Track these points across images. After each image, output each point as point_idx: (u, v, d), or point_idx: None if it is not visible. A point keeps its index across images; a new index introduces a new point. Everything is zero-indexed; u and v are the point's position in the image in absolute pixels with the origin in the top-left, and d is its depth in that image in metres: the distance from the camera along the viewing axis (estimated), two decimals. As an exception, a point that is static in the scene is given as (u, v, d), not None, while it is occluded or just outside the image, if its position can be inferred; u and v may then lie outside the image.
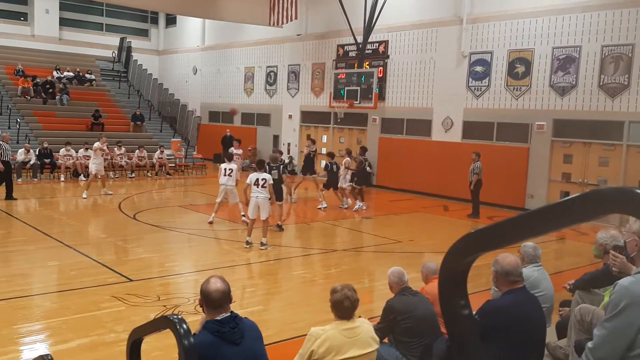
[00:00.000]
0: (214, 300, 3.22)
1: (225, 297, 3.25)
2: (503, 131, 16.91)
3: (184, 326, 2.45)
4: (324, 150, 22.74)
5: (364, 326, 3.94)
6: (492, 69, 17.12)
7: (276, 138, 24.87)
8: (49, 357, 2.41)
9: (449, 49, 18.10)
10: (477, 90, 17.50)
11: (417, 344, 4.67)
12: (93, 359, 5.47)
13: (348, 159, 15.82)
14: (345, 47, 21.35)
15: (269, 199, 10.25)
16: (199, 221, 12.91)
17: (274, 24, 20.49)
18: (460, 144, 17.88)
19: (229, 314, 3.25)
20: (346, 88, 20.07)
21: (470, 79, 17.65)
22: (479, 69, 17.43)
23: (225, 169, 12.54)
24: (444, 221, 14.61)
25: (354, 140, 21.61)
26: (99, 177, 16.19)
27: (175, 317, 2.54)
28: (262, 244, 10.18)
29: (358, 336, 3.84)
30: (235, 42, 26.61)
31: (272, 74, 24.91)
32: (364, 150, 16.17)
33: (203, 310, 3.34)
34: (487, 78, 17.24)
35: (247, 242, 10.23)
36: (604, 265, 5.01)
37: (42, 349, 5.81)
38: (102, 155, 16.29)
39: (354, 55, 20.77)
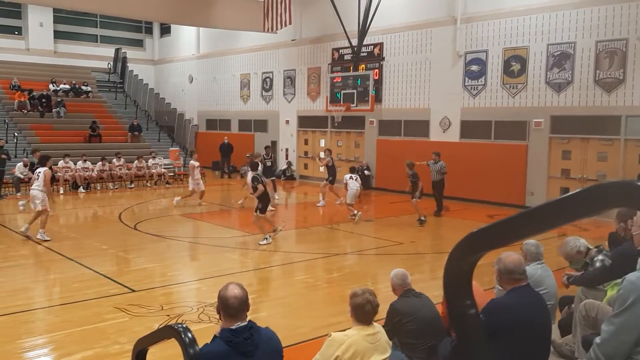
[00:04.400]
0: (232, 307, 3.17)
1: (242, 304, 3.20)
2: (501, 129, 16.93)
3: (189, 335, 2.44)
4: (322, 155, 22.76)
5: (381, 330, 4.00)
6: (488, 68, 17.14)
7: (274, 144, 24.86)
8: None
9: (444, 49, 18.13)
10: (474, 89, 17.52)
11: (422, 346, 4.65)
12: (98, 371, 5.45)
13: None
14: (341, 51, 21.38)
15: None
16: (199, 230, 12.89)
17: (268, 30, 20.50)
18: (459, 144, 17.89)
19: (245, 323, 3.18)
20: (342, 91, 20.09)
21: (467, 79, 17.68)
22: (474, 68, 17.46)
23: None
24: (445, 222, 14.59)
25: (352, 144, 21.63)
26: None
27: (179, 326, 2.53)
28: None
29: (379, 342, 3.88)
30: (230, 50, 26.64)
31: (268, 80, 24.93)
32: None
33: (220, 317, 3.29)
34: (483, 77, 17.26)
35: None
36: (603, 263, 5.01)
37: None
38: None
39: (349, 58, 20.80)
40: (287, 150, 24.08)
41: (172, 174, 22.30)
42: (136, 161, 21.36)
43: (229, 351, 3.03)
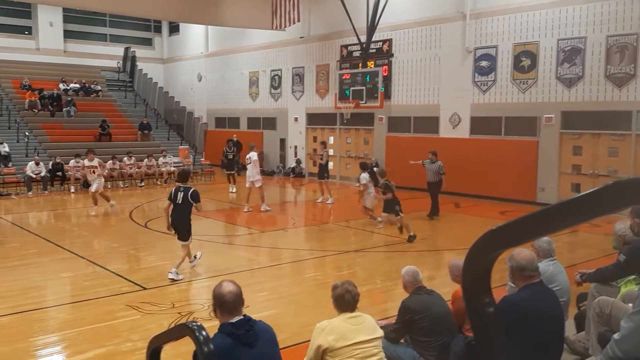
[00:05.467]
0: (228, 303, 3.25)
1: (238, 299, 3.30)
2: (511, 125, 16.83)
3: (204, 333, 2.45)
4: (331, 152, 22.75)
5: (366, 316, 4.11)
6: (498, 64, 17.04)
7: (283, 141, 24.89)
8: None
9: (453, 45, 18.04)
10: (484, 85, 17.43)
11: (434, 343, 4.64)
12: (110, 369, 5.48)
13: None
14: (349, 48, 21.34)
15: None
16: (209, 227, 12.92)
17: (276, 28, 20.50)
18: (469, 140, 17.82)
19: (242, 316, 3.28)
20: (351, 88, 20.05)
21: (476, 74, 17.59)
22: (484, 64, 17.36)
23: None
24: (456, 218, 14.55)
25: (360, 140, 21.59)
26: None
27: (194, 324, 2.54)
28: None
29: (363, 324, 4.00)
30: (239, 47, 26.66)
31: (276, 77, 24.93)
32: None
33: (216, 314, 3.36)
34: (493, 73, 17.17)
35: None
36: (617, 259, 4.96)
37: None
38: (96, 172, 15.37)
39: (358, 55, 20.75)
40: (295, 147, 24.09)
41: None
42: (146, 159, 21.46)
43: (233, 344, 3.13)
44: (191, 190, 8.78)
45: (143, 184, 20.71)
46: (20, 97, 24.48)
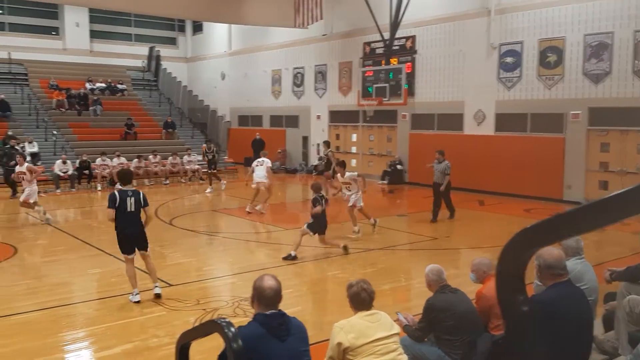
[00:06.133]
0: (267, 298, 3.34)
1: (277, 295, 3.38)
2: (537, 122, 16.60)
3: (232, 329, 2.47)
4: (354, 150, 22.71)
5: (382, 313, 4.11)
6: (523, 60, 16.82)
7: (305, 139, 24.92)
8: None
9: (477, 41, 17.86)
10: (509, 81, 17.22)
11: (459, 342, 4.60)
12: (137, 364, 5.55)
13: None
14: (372, 45, 21.26)
15: None
16: (233, 224, 13.01)
17: (299, 26, 20.52)
18: (494, 137, 17.63)
19: (277, 311, 3.35)
20: (374, 85, 19.98)
21: (501, 71, 17.39)
22: (509, 60, 17.15)
23: None
24: (480, 216, 14.41)
25: (383, 138, 21.52)
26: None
27: (222, 320, 2.57)
28: None
29: (380, 321, 4.01)
30: (261, 46, 26.76)
31: (299, 75, 24.97)
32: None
33: (253, 305, 3.42)
34: (518, 69, 16.95)
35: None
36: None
37: (87, 356, 5.93)
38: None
39: (381, 52, 20.67)
40: (318, 145, 24.09)
41: (205, 170, 22.52)
42: (170, 158, 21.69)
43: (265, 334, 3.20)
44: (141, 193, 7.56)
45: (168, 181, 20.93)
46: (48, 96, 24.94)
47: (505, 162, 16.98)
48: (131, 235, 7.40)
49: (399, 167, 20.18)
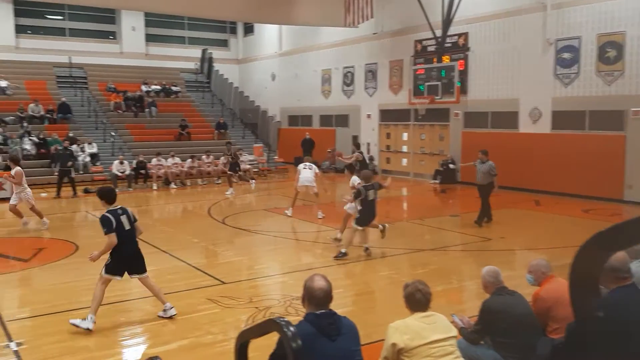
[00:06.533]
0: (318, 298, 3.37)
1: (327, 295, 3.41)
2: (596, 119, 16.01)
3: (292, 329, 2.47)
4: (404, 149, 22.50)
5: (439, 315, 4.04)
6: (581, 55, 16.26)
7: (355, 138, 24.84)
8: (158, 359, 2.48)
9: (533, 36, 17.37)
10: (566, 78, 16.67)
11: (516, 345, 4.48)
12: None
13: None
14: (423, 42, 21.01)
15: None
16: (284, 224, 13.10)
17: (349, 25, 20.47)
18: (550, 135, 17.12)
19: (327, 310, 3.37)
20: (426, 84, 19.74)
21: (558, 67, 16.85)
22: (566, 55, 16.60)
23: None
24: (537, 216, 14.01)
25: (435, 137, 21.22)
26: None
27: (282, 320, 2.58)
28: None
29: (436, 322, 3.94)
30: (312, 46, 26.87)
31: (349, 74, 24.93)
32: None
33: (304, 304, 3.44)
34: (576, 65, 16.39)
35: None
36: None
37: (145, 351, 6.08)
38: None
39: (432, 50, 20.39)
40: (368, 144, 24.00)
41: (256, 169, 22.83)
42: (222, 158, 22.03)
43: (315, 333, 3.22)
44: (128, 209, 6.89)
45: (220, 181, 21.29)
46: (107, 99, 25.80)
47: (562, 161, 16.46)
48: (128, 256, 6.72)
49: (451, 166, 19.85)
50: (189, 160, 21.24)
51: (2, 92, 24.07)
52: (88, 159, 20.94)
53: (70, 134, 21.55)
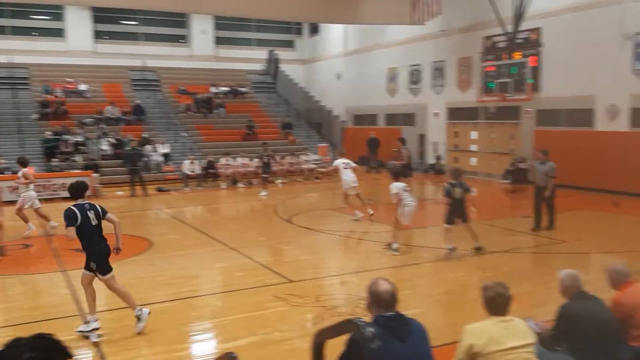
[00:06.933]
0: (385, 301, 3.36)
1: (394, 297, 3.40)
2: (681, 116, 15.08)
3: (370, 330, 2.46)
4: (473, 148, 22.00)
5: (518, 320, 3.92)
6: (664, 48, 15.35)
7: (422, 137, 24.53)
8: (233, 355, 2.52)
9: (609, 31, 16.55)
10: (647, 72, 15.79)
11: (596, 352, 4.27)
12: (262, 357, 5.72)
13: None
14: (493, 39, 20.46)
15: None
16: (350, 223, 13.08)
17: (416, 22, 20.22)
18: (629, 134, 16.27)
19: (395, 312, 3.36)
20: (496, 81, 19.22)
21: (637, 62, 15.98)
22: (647, 49, 15.73)
23: None
24: (614, 218, 13.34)
25: (505, 135, 20.61)
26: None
27: (360, 321, 2.57)
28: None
29: (514, 328, 3.82)
30: (377, 44, 26.72)
31: (415, 72, 24.62)
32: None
33: (370, 310, 3.43)
34: (658, 58, 15.49)
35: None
36: None
37: (215, 346, 6.23)
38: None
39: (503, 46, 19.82)
40: (435, 143, 23.62)
41: (321, 169, 22.93)
42: (288, 157, 22.31)
43: (385, 334, 3.17)
44: (96, 204, 6.64)
45: (286, 180, 21.54)
46: (178, 100, 26.65)
47: (642, 160, 15.61)
48: (101, 252, 6.46)
49: (522, 165, 19.22)
50: (256, 160, 21.58)
51: (82, 95, 25.31)
52: (161, 158, 21.70)
53: (144, 135, 22.41)
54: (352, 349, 3.03)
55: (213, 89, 27.79)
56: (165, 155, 21.94)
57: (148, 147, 21.65)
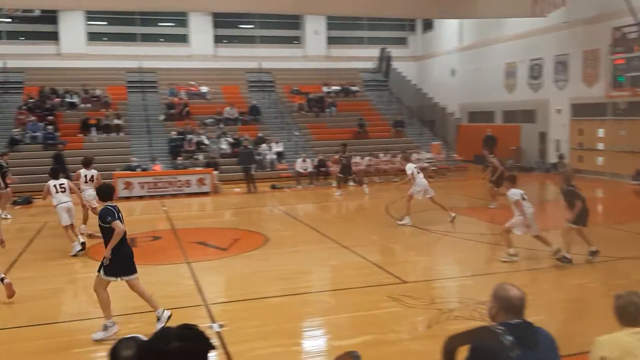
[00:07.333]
0: (517, 307, 3.22)
1: (524, 304, 3.27)
2: None
3: (509, 338, 2.35)
4: (600, 146, 20.55)
5: None
6: None
7: (543, 135, 23.28)
8: (356, 354, 2.51)
9: None
10: None
11: None
12: (376, 357, 5.68)
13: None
14: (623, 29, 18.93)
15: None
16: (463, 224, 12.70)
17: (538, 14, 19.20)
18: None
19: (522, 320, 3.21)
20: (627, 74, 17.80)
21: None
22: None
23: None
24: None
25: (637, 133, 19.00)
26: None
27: (499, 328, 2.47)
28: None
29: None
30: (495, 38, 25.70)
31: (536, 67, 23.41)
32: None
33: (494, 316, 3.30)
34: None
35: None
36: None
37: (326, 343, 6.29)
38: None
39: (634, 37, 18.29)
40: (558, 142, 22.32)
41: (434, 168, 22.50)
42: (400, 156, 22.07)
43: (514, 342, 3.04)
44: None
45: (397, 179, 21.34)
46: (291, 100, 27.34)
47: None
48: (130, 254, 6.51)
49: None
50: (367, 158, 21.63)
51: (203, 97, 26.72)
52: (275, 157, 22.38)
53: (260, 134, 23.22)
54: (480, 356, 2.92)
55: (325, 89, 28.18)
56: (279, 154, 22.59)
57: (263, 146, 22.41)
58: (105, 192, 6.79)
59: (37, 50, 26.83)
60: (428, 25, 31.78)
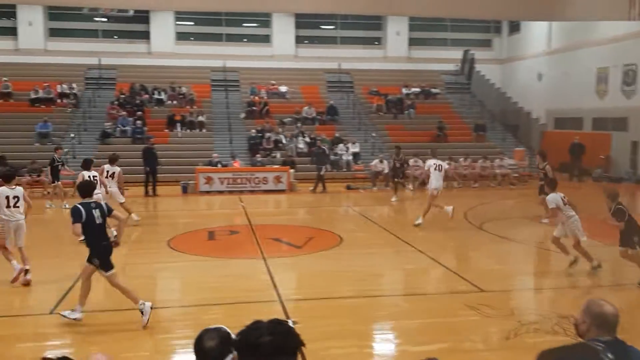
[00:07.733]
0: (610, 324, 3.06)
1: (618, 320, 3.09)
2: None
3: (610, 356, 2.22)
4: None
5: None
6: None
7: (635, 144, 21.95)
8: (436, 360, 2.44)
9: None
10: None
11: None
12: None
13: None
14: None
15: None
16: (543, 233, 12.15)
17: (635, 18, 18.10)
18: None
19: (614, 338, 3.03)
20: None
21: None
22: None
23: None
24: None
25: None
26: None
27: (598, 344, 2.33)
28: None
29: None
30: (585, 42, 24.47)
31: (630, 72, 22.11)
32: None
33: (583, 331, 3.12)
34: None
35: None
36: None
37: (401, 347, 6.19)
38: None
39: None
40: (652, 152, 20.97)
41: (516, 174, 21.75)
42: (480, 161, 21.51)
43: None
44: (103, 204, 6.92)
45: (477, 185, 20.80)
46: (369, 101, 27.24)
47: None
48: (105, 249, 6.62)
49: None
50: (447, 162, 21.14)
51: (283, 97, 27.13)
52: (351, 157, 22.37)
53: (337, 135, 23.28)
54: None
55: (404, 90, 27.88)
56: (355, 155, 22.56)
57: (340, 146, 22.46)
58: (82, 189, 7.03)
59: (130, 49, 28.25)
60: (515, 28, 30.71)
